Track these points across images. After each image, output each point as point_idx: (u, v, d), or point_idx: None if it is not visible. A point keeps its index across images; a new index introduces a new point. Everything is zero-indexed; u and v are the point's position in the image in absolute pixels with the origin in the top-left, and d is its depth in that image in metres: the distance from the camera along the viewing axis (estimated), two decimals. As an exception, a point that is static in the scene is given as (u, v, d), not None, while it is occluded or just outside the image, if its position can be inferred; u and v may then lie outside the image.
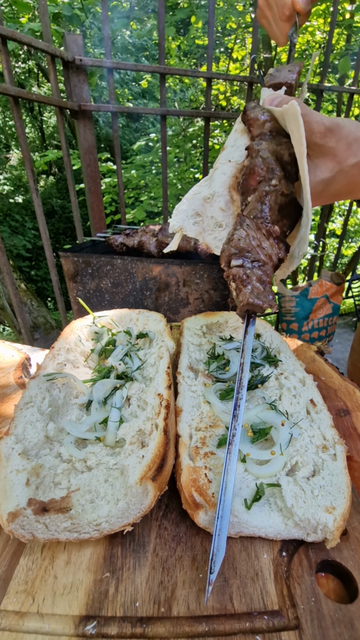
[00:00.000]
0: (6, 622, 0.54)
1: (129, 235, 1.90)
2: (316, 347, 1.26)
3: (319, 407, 0.86)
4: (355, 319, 5.45)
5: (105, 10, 2.20)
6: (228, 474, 0.63)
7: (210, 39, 2.38)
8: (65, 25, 5.01)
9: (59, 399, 0.85)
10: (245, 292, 0.70)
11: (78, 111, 2.39)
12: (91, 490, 0.64)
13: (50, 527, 0.60)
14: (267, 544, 0.65)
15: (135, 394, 0.87)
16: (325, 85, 2.72)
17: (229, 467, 0.64)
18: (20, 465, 0.65)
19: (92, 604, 0.56)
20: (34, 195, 2.20)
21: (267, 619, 0.55)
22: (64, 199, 11.32)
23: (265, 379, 0.94)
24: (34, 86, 10.76)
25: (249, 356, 0.72)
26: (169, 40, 7.05)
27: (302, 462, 0.72)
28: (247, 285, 0.71)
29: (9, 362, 1.16)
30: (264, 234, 0.75)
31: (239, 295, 0.71)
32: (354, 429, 0.91)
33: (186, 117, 8.18)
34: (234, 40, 7.47)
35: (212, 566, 0.55)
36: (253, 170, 0.79)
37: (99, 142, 10.57)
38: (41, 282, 10.24)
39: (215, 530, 0.58)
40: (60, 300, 2.59)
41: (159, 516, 0.71)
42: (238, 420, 0.67)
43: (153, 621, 0.55)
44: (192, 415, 0.83)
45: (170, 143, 7.80)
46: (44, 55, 2.13)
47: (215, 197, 0.87)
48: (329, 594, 0.60)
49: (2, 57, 1.81)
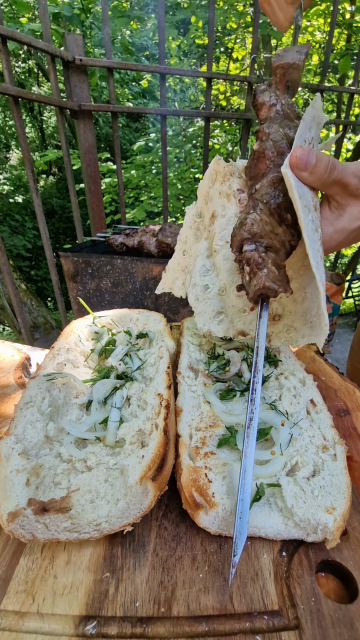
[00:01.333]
0: (6, 622, 0.54)
1: (129, 235, 1.90)
2: (316, 347, 1.26)
3: (319, 407, 0.86)
4: (355, 318, 5.45)
5: (105, 10, 2.20)
6: (247, 458, 0.63)
7: (210, 39, 2.38)
8: (65, 25, 5.02)
9: (59, 399, 0.85)
10: (261, 275, 0.67)
11: (78, 111, 2.39)
12: (91, 490, 0.64)
13: (50, 527, 0.60)
14: (267, 544, 0.65)
15: (135, 394, 0.86)
16: (325, 85, 2.72)
17: (247, 451, 0.63)
18: (20, 465, 0.65)
19: (92, 604, 0.56)
20: (34, 195, 2.20)
21: (267, 619, 0.55)
22: (64, 199, 11.32)
23: (265, 379, 0.94)
24: (34, 86, 10.76)
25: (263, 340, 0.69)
26: (169, 40, 7.05)
27: (302, 462, 0.72)
28: (262, 268, 0.68)
29: (9, 362, 1.16)
30: (277, 220, 0.73)
31: (254, 279, 0.69)
32: (354, 429, 0.91)
33: (186, 117, 8.18)
34: (234, 40, 7.47)
35: (235, 549, 0.56)
36: (263, 154, 0.77)
37: (99, 142, 10.57)
38: (41, 282, 10.24)
39: (237, 513, 0.59)
40: (60, 300, 2.59)
41: (159, 516, 0.71)
42: (255, 404, 0.66)
43: (153, 621, 0.55)
44: (192, 415, 0.83)
45: (170, 143, 7.80)
46: (44, 55, 2.13)
47: (227, 287, 0.86)
48: (329, 594, 0.60)
49: (2, 57, 1.81)
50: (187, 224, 1.01)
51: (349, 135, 7.73)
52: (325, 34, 6.84)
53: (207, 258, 0.92)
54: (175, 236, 1.76)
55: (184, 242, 1.04)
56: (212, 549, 0.65)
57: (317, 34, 7.06)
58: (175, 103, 9.07)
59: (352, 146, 7.10)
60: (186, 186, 7.79)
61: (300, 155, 0.73)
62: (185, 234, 1.02)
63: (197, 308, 0.90)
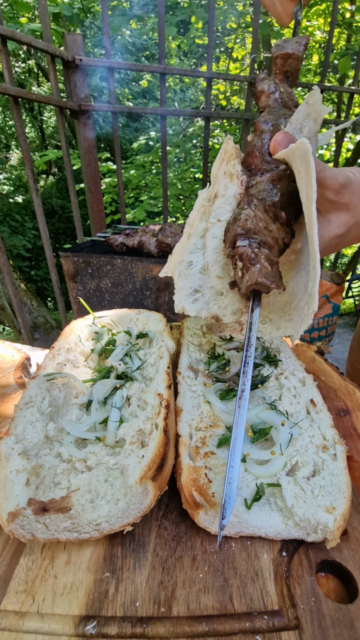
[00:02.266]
0: (6, 622, 0.54)
1: (129, 235, 1.90)
2: (316, 347, 1.26)
3: (319, 407, 0.86)
4: (355, 318, 5.45)
5: (105, 10, 2.20)
6: (238, 427, 0.64)
7: (210, 38, 2.38)
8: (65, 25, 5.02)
9: (59, 399, 0.85)
10: (254, 270, 0.67)
11: (78, 111, 2.39)
12: (91, 490, 0.64)
13: (50, 527, 0.60)
14: (267, 544, 0.65)
15: (135, 394, 0.86)
16: (325, 85, 2.72)
17: (238, 421, 0.64)
18: (20, 465, 0.65)
19: (92, 603, 0.56)
20: (34, 195, 2.19)
21: (267, 619, 0.55)
22: (64, 199, 11.32)
23: (265, 379, 0.94)
24: (34, 86, 10.76)
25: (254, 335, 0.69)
26: (169, 40, 7.05)
27: (302, 462, 0.72)
28: (255, 264, 0.68)
29: (9, 362, 1.16)
30: (271, 217, 0.72)
31: (246, 274, 0.68)
32: (354, 429, 0.91)
33: (186, 117, 8.18)
34: (234, 40, 7.47)
35: (223, 512, 0.59)
36: (255, 149, 0.77)
37: (99, 142, 10.56)
38: (41, 282, 10.23)
39: (227, 479, 0.61)
40: (60, 300, 2.59)
41: (159, 516, 0.71)
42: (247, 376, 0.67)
43: (153, 621, 0.55)
44: (192, 415, 0.83)
45: (170, 143, 7.80)
46: (44, 55, 2.12)
47: (209, 266, 0.84)
48: (329, 594, 0.60)
49: (2, 57, 1.81)
50: (196, 207, 1.00)
51: (349, 135, 7.73)
52: (325, 33, 6.84)
53: (201, 238, 0.90)
54: (176, 236, 1.76)
55: (190, 225, 1.01)
56: (212, 549, 0.65)
57: (317, 34, 7.06)
58: (175, 103, 9.07)
59: (353, 146, 7.10)
60: (186, 186, 7.80)
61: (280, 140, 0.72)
62: (192, 218, 1.00)
63: (177, 284, 0.88)
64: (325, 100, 8.29)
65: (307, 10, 5.97)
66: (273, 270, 0.69)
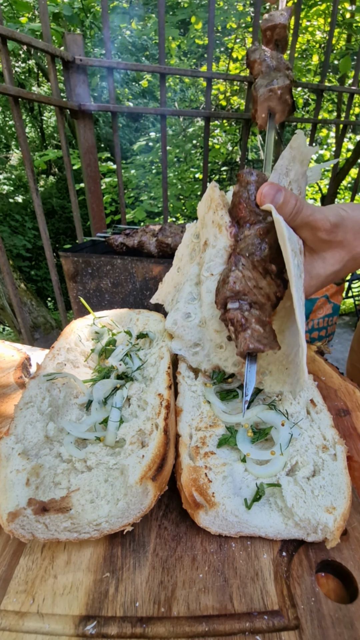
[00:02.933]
0: (6, 622, 0.54)
1: (129, 235, 1.90)
2: (316, 347, 1.26)
3: (319, 407, 0.86)
4: (355, 318, 5.45)
5: (105, 10, 2.20)
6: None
7: (210, 39, 2.38)
8: (65, 25, 5.02)
9: (59, 399, 0.85)
10: (245, 336, 0.68)
11: (78, 111, 2.39)
12: (91, 490, 0.64)
13: (50, 527, 0.60)
14: (267, 544, 0.65)
15: (135, 394, 0.86)
16: (326, 85, 2.71)
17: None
18: (20, 465, 0.65)
19: (92, 604, 0.56)
20: (34, 195, 2.19)
21: (267, 619, 0.55)
22: (64, 199, 11.32)
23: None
24: (34, 86, 10.76)
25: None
26: (169, 40, 7.05)
27: (302, 462, 0.72)
28: (246, 329, 0.69)
29: (9, 362, 1.16)
30: (261, 272, 0.72)
31: (238, 338, 0.69)
32: (354, 429, 0.91)
33: (186, 117, 8.18)
34: (234, 40, 7.47)
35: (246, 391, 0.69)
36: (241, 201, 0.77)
37: (99, 142, 10.57)
38: (41, 282, 10.24)
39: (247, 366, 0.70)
40: (60, 300, 2.59)
41: (159, 516, 0.71)
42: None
43: (153, 621, 0.55)
44: (192, 415, 0.83)
45: (170, 143, 7.80)
46: (44, 55, 2.12)
47: (207, 320, 0.85)
48: (329, 594, 0.60)
49: (2, 57, 1.81)
50: (184, 242, 1.01)
51: (349, 135, 7.73)
52: (325, 33, 6.84)
53: (195, 285, 0.91)
54: (176, 236, 1.75)
55: (179, 258, 1.04)
56: (212, 549, 0.65)
57: (317, 34, 7.06)
58: (175, 103, 9.07)
59: (353, 146, 7.11)
60: (186, 186, 7.80)
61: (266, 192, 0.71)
62: (182, 252, 1.03)
63: (174, 332, 0.91)
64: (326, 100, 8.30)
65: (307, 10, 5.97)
66: (266, 331, 0.69)
